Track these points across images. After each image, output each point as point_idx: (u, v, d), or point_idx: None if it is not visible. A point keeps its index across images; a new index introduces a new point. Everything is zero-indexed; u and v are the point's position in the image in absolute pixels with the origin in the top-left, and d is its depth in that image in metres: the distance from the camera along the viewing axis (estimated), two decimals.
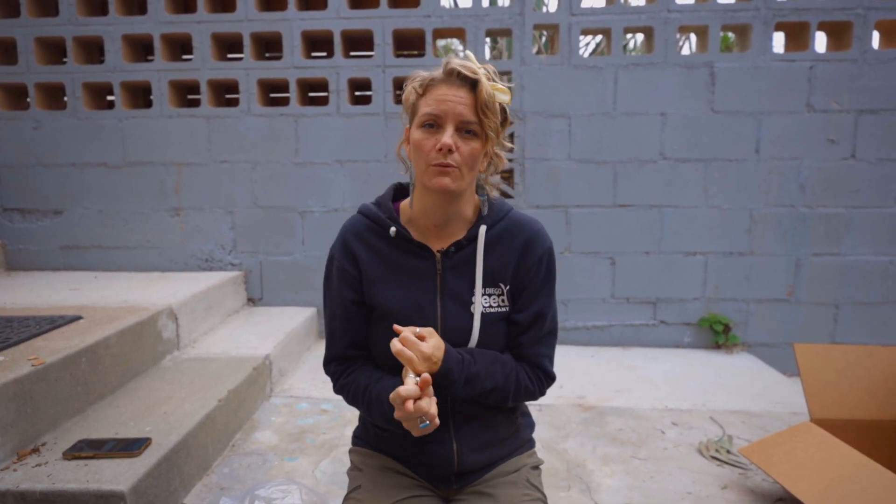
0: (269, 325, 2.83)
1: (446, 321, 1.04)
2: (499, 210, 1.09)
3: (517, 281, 1.07)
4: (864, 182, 2.91)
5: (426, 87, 0.99)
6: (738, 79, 2.89)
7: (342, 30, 3.00)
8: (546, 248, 1.09)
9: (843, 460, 1.51)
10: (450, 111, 0.96)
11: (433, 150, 0.97)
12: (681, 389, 2.53)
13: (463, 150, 0.97)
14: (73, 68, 3.07)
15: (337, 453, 1.95)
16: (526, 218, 1.10)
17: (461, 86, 0.97)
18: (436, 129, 0.97)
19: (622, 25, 2.93)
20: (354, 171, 3.08)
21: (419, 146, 0.98)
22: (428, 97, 0.98)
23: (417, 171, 1.01)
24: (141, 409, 1.84)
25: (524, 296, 1.08)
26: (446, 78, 0.98)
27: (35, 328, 1.94)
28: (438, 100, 0.97)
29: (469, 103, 0.96)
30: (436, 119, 0.97)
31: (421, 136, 0.98)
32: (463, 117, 0.96)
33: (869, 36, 2.83)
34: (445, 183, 0.97)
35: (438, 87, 0.98)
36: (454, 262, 1.06)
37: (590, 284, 3.07)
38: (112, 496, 1.38)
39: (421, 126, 0.99)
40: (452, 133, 0.96)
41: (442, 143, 0.95)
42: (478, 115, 0.96)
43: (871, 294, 2.97)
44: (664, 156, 2.97)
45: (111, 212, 3.16)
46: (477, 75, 0.96)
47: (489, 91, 0.96)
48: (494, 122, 0.98)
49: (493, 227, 1.06)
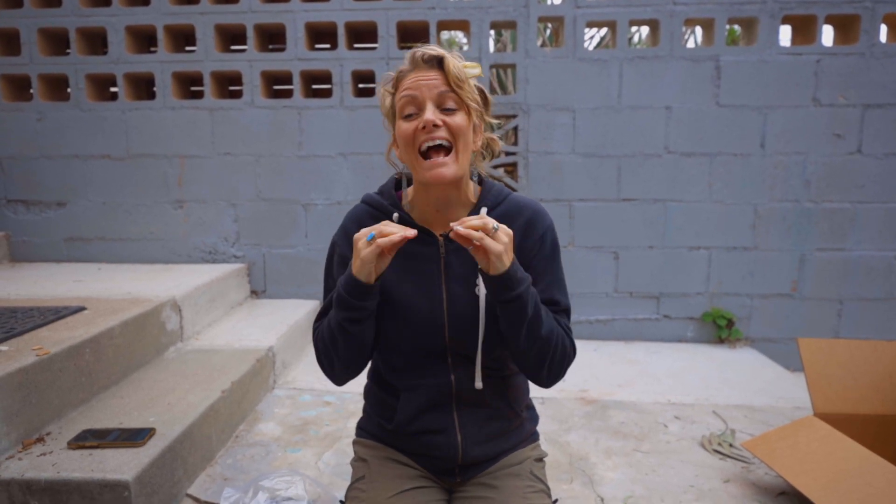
0: (272, 317, 2.83)
1: (451, 304, 1.04)
2: (498, 193, 1.09)
3: (521, 260, 1.05)
4: (869, 177, 2.90)
5: (396, 82, 1.02)
6: (744, 72, 2.87)
7: (346, 21, 2.98)
8: (547, 225, 1.08)
9: (847, 454, 1.51)
10: (423, 88, 0.97)
11: (418, 131, 0.97)
12: (683, 384, 2.53)
13: (449, 123, 0.97)
14: (76, 59, 3.07)
15: (340, 445, 1.96)
16: (525, 199, 1.11)
17: (429, 68, 0.98)
18: (417, 114, 0.98)
19: (627, 18, 2.92)
20: (358, 163, 3.07)
21: (405, 135, 0.99)
22: (400, 89, 1.00)
23: (412, 166, 1.01)
24: (145, 399, 1.85)
25: (531, 274, 1.04)
26: (413, 66, 1.00)
27: (39, 319, 1.94)
28: (411, 86, 0.98)
29: (441, 79, 0.97)
30: (413, 101, 0.98)
31: (405, 126, 0.99)
32: (438, 89, 0.97)
33: (877, 29, 2.81)
34: (441, 174, 0.97)
35: (407, 76, 1.00)
36: (457, 245, 1.05)
37: (593, 278, 3.06)
38: (117, 485, 1.38)
39: (403, 117, 0.99)
40: (434, 109, 0.97)
41: (425, 119, 0.96)
42: (452, 88, 0.97)
43: (876, 290, 2.96)
44: (669, 150, 2.95)
45: (115, 204, 3.17)
46: (440, 52, 0.98)
47: (457, 65, 0.98)
48: (471, 94, 0.99)
49: (493, 208, 1.06)
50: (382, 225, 0.93)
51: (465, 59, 1.01)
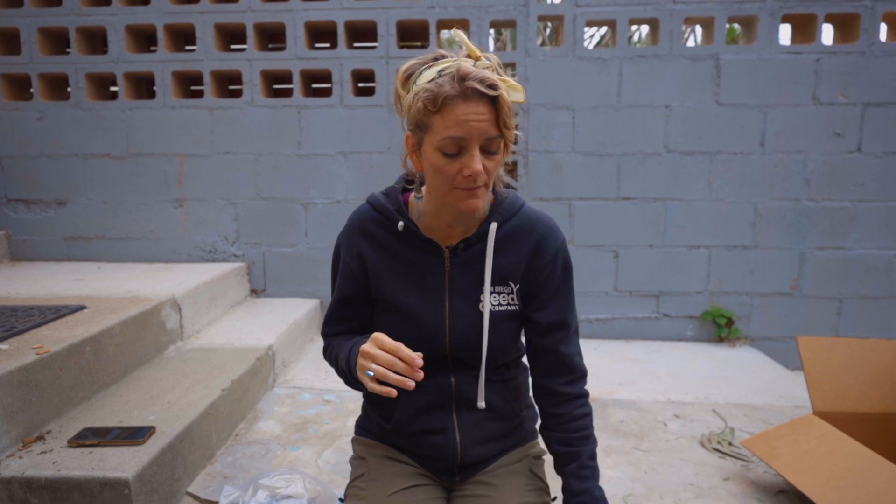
0: (272, 316, 2.83)
1: (454, 318, 1.03)
2: (510, 206, 1.05)
3: (529, 280, 1.05)
4: (869, 176, 2.90)
5: (441, 104, 0.88)
6: (744, 71, 2.87)
7: (346, 20, 2.98)
8: (559, 245, 1.05)
9: (846, 452, 1.51)
10: (474, 133, 0.88)
11: (458, 174, 0.91)
12: (683, 382, 2.53)
13: (489, 168, 0.92)
14: (76, 59, 3.07)
15: (340, 443, 1.96)
16: (538, 214, 1.07)
17: (480, 100, 0.87)
18: (458, 152, 0.90)
19: (627, 17, 2.91)
20: (358, 162, 3.07)
21: (442, 171, 0.92)
22: (445, 117, 0.88)
23: (438, 191, 0.96)
24: (145, 398, 1.85)
25: (542, 295, 1.05)
26: (461, 93, 0.87)
27: (39, 317, 1.95)
28: (459, 122, 0.87)
29: (491, 119, 0.88)
30: (459, 142, 0.89)
31: (442, 161, 0.91)
32: (487, 135, 0.89)
33: (876, 28, 2.81)
34: (476, 205, 0.94)
35: (456, 105, 0.87)
36: (463, 258, 1.03)
37: (593, 277, 3.06)
38: (117, 483, 1.38)
39: (440, 149, 0.91)
40: (479, 156, 0.89)
41: (474, 170, 0.89)
42: (500, 129, 0.90)
43: (876, 288, 2.96)
44: (668, 149, 2.95)
45: (115, 203, 3.17)
46: (498, 89, 0.87)
47: (509, 102, 0.89)
48: (513, 127, 0.92)
49: (503, 223, 1.03)
50: (394, 355, 0.88)
51: (503, 68, 0.93)
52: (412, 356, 0.88)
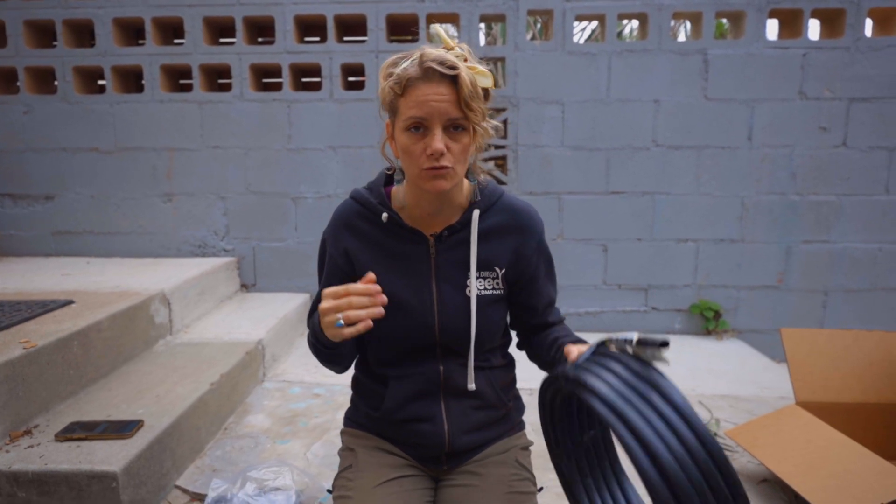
0: (261, 310, 2.83)
1: (441, 304, 1.05)
2: (491, 194, 1.08)
3: (518, 268, 1.08)
4: (854, 170, 2.93)
5: (404, 86, 0.93)
6: (732, 66, 2.89)
7: (335, 14, 2.97)
8: (541, 230, 1.11)
9: (826, 442, 1.53)
10: (434, 112, 0.91)
11: (423, 154, 0.93)
12: (670, 374, 2.54)
13: (454, 149, 0.94)
14: (63, 52, 3.04)
15: (329, 436, 1.97)
16: (518, 201, 1.11)
17: (441, 81, 0.91)
18: (422, 131, 0.93)
19: (616, 12, 2.92)
20: (348, 156, 3.07)
21: (408, 151, 0.95)
22: (408, 98, 0.92)
23: (409, 174, 0.99)
24: (133, 392, 1.85)
25: (534, 283, 1.11)
26: (422, 74, 0.91)
27: (27, 312, 1.94)
28: (420, 102, 0.91)
29: (452, 99, 0.91)
30: (421, 122, 0.92)
31: (408, 142, 0.94)
32: (448, 115, 0.91)
33: (862, 23, 2.83)
34: (441, 185, 0.96)
35: (417, 86, 0.91)
36: (447, 245, 1.06)
37: (582, 271, 3.08)
38: (105, 476, 1.39)
39: (406, 130, 0.94)
40: (441, 135, 0.92)
41: (433, 148, 0.92)
42: (463, 111, 0.92)
43: (860, 281, 3.00)
44: (657, 143, 2.97)
45: (103, 197, 3.15)
46: (457, 69, 0.90)
47: (472, 81, 0.91)
48: (480, 110, 0.94)
49: (486, 210, 1.07)
50: (347, 297, 0.88)
51: (473, 55, 0.95)
52: (365, 285, 0.88)
